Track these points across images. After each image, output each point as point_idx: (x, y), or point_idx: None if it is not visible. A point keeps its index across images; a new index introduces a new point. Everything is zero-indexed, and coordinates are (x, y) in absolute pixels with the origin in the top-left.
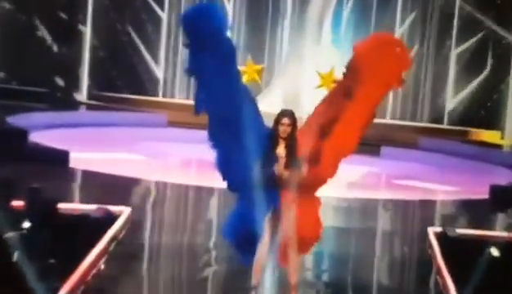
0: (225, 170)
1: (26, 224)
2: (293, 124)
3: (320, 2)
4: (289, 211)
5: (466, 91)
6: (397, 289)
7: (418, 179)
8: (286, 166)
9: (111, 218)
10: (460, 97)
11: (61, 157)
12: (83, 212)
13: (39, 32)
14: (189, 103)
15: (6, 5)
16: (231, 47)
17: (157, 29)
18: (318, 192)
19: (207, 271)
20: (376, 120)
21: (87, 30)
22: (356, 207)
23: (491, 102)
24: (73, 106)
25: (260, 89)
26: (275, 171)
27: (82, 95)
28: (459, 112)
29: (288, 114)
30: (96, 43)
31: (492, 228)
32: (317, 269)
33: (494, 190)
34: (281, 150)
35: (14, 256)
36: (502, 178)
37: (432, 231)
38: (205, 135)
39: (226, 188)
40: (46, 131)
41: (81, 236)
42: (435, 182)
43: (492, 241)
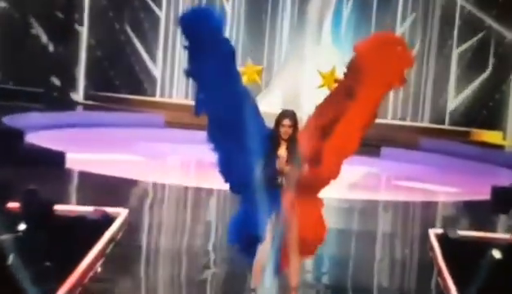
0: (226, 172)
1: (22, 226)
2: (294, 125)
3: (320, 2)
4: (290, 212)
5: (468, 91)
6: (398, 291)
7: (419, 180)
8: (288, 164)
9: (108, 220)
10: (462, 97)
11: (58, 158)
12: (80, 214)
13: (35, 31)
14: (187, 103)
15: (2, 4)
16: (230, 48)
17: (155, 29)
18: (320, 193)
19: (206, 273)
20: (376, 120)
21: (83, 29)
22: (356, 209)
23: (492, 102)
24: (69, 106)
25: (259, 89)
26: (276, 168)
27: (78, 95)
28: (460, 112)
29: (289, 115)
30: (92, 43)
31: (494, 229)
32: (317, 271)
33: (496, 191)
34: (283, 151)
35: (9, 259)
36: (504, 179)
37: (433, 233)
38: (203, 135)
39: (224, 189)
40: (42, 132)
41: (78, 238)
42: (436, 183)
43: (494, 243)
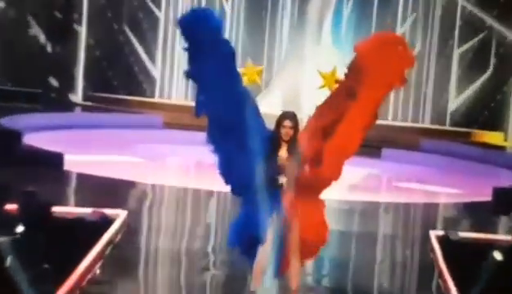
0: (227, 174)
1: (20, 228)
2: (295, 126)
3: (320, 2)
4: (291, 213)
5: (469, 92)
6: (399, 293)
7: (420, 181)
8: (288, 166)
9: (107, 222)
10: (463, 98)
11: (56, 159)
12: (78, 216)
13: (33, 31)
14: (185, 104)
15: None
16: (230, 49)
17: (154, 29)
18: (322, 194)
19: (205, 276)
20: (377, 121)
21: (82, 30)
22: (356, 210)
23: (494, 103)
24: (67, 107)
25: (259, 90)
26: (277, 169)
27: (77, 96)
28: (461, 113)
29: (290, 116)
30: (91, 43)
31: (495, 231)
32: (317, 274)
33: (497, 193)
34: (283, 153)
35: (7, 261)
36: (505, 180)
37: (434, 234)
38: (203, 137)
39: (224, 190)
40: (40, 133)
41: (76, 240)
42: (437, 184)
43: (495, 244)
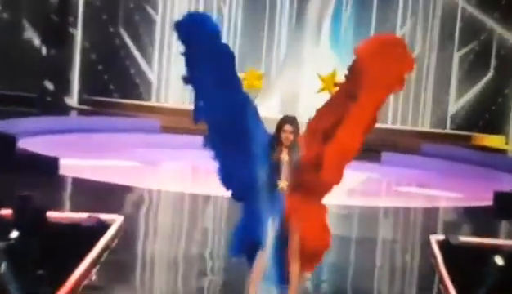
0: (227, 179)
1: (14, 233)
2: (295, 131)
3: (318, 4)
4: (292, 218)
5: (469, 95)
6: None
7: (420, 185)
8: (289, 170)
9: (103, 227)
10: (463, 101)
11: (51, 164)
12: (74, 221)
13: (28, 34)
14: (183, 108)
15: None
16: (229, 53)
17: (150, 32)
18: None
19: (202, 281)
20: (377, 125)
21: (77, 33)
22: (356, 215)
23: (495, 106)
24: (63, 111)
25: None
26: (278, 174)
27: (72, 99)
28: (462, 116)
29: (290, 121)
30: (87, 46)
31: (496, 235)
32: (317, 279)
33: (498, 197)
34: (284, 157)
35: (1, 267)
36: (507, 184)
37: (434, 239)
38: (200, 141)
39: (221, 195)
40: (35, 137)
41: (72, 245)
42: (437, 188)
43: (496, 249)
